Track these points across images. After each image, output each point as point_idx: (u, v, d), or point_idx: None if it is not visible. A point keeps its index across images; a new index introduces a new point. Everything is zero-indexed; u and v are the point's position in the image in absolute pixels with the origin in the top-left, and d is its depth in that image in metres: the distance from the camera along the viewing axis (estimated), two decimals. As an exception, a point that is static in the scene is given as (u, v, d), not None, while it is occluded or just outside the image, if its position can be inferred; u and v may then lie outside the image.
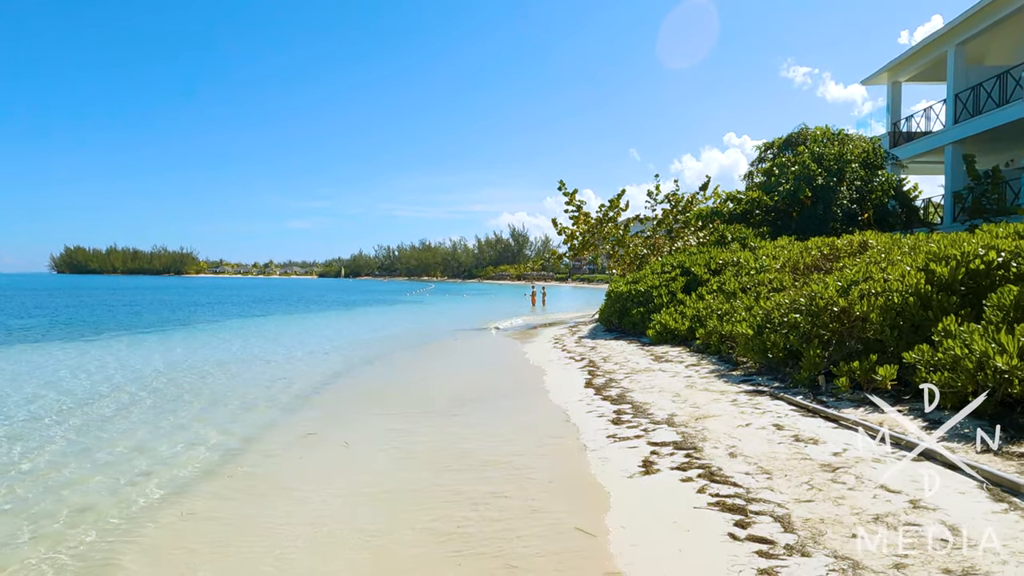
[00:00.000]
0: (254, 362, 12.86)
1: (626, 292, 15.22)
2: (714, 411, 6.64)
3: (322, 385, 10.00)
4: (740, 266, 12.88)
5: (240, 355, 14.01)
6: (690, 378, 8.72)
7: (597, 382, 9.03)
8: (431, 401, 8.53)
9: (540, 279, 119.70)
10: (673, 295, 13.99)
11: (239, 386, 9.98)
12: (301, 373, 11.42)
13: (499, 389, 9.50)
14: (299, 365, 12.47)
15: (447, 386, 9.81)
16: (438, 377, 10.87)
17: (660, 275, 15.25)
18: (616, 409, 7.15)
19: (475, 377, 10.96)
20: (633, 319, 14.56)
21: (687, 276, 14.58)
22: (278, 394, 9.24)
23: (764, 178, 19.62)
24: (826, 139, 18.16)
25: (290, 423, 7.43)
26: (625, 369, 9.97)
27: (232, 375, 11.11)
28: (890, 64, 25.06)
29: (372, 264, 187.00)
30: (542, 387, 9.43)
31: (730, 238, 16.24)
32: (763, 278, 10.94)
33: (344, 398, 8.99)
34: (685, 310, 12.68)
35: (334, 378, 10.79)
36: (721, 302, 11.46)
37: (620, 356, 11.54)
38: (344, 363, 12.65)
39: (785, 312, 7.99)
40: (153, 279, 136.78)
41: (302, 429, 7.07)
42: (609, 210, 23.77)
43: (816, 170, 16.45)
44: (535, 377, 10.49)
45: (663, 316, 12.92)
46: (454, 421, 7.34)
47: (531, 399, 8.55)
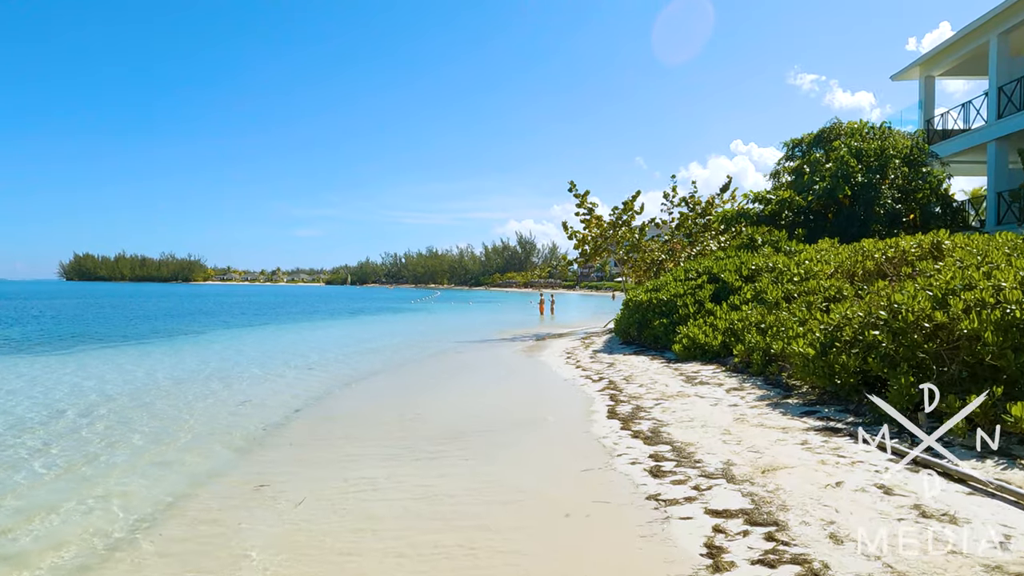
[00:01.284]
0: (228, 379, 11.38)
1: (646, 301, 13.68)
2: (783, 458, 5.09)
3: (295, 412, 8.50)
4: (779, 272, 11.31)
5: (215, 371, 12.54)
6: (736, 407, 7.17)
7: (622, 411, 7.48)
8: (419, 435, 7.01)
9: (547, 286, 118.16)
10: (701, 305, 12.44)
11: (198, 412, 8.49)
12: (276, 394, 9.92)
13: (500, 419, 7.97)
14: (277, 383, 10.97)
15: (440, 414, 8.28)
16: (432, 402, 9.34)
17: (684, 282, 13.70)
18: (652, 452, 5.61)
19: (474, 402, 9.43)
20: (655, 331, 13.01)
21: (715, 283, 13.03)
22: (240, 423, 7.73)
23: (793, 177, 18.07)
24: (866, 133, 16.60)
25: (241, 468, 5.92)
26: (653, 393, 8.42)
27: (196, 397, 9.62)
28: (923, 58, 23.48)
29: (379, 271, 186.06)
30: (552, 418, 7.90)
31: (760, 241, 14.68)
32: (812, 286, 9.38)
33: (317, 431, 7.46)
34: (716, 322, 11.12)
35: (312, 402, 9.28)
36: (761, 314, 9.90)
37: (644, 376, 9.99)
38: (328, 382, 11.14)
39: (859, 328, 6.43)
40: (160, 286, 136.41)
41: (253, 478, 5.55)
42: (623, 213, 22.23)
43: (855, 167, 14.89)
44: (544, 403, 8.96)
45: (691, 329, 11.37)
46: (442, 466, 5.81)
47: (538, 435, 7.01)
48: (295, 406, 8.96)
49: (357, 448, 6.52)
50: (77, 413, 8.41)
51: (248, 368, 13.08)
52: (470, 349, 16.77)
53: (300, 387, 10.67)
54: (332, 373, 12.27)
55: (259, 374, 12.18)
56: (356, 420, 8.08)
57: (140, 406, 8.93)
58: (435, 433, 7.05)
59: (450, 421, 7.74)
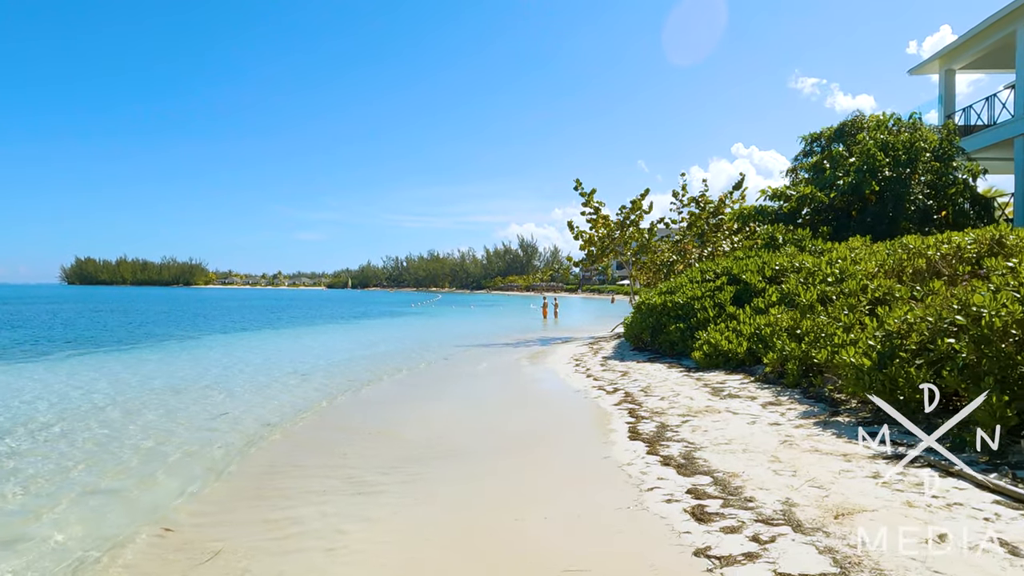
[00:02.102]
0: (207, 391, 10.43)
1: (660, 304, 12.70)
2: (856, 497, 4.12)
3: (271, 431, 7.52)
4: (809, 272, 10.34)
5: (195, 380, 11.58)
6: (779, 427, 6.19)
7: (645, 430, 6.50)
8: (407, 458, 6.04)
9: (549, 290, 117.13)
10: (721, 308, 11.46)
11: (162, 431, 7.52)
12: (255, 408, 8.95)
13: (498, 438, 7.01)
14: (258, 396, 10.01)
15: (432, 430, 7.32)
16: (424, 417, 8.37)
17: (701, 284, 12.73)
18: (691, 486, 4.63)
19: (470, 417, 8.47)
20: (670, 337, 12.03)
21: (736, 285, 12.06)
22: (204, 448, 6.75)
23: (811, 174, 17.10)
24: (892, 126, 15.63)
25: (192, 514, 4.92)
26: (678, 408, 7.44)
27: (165, 412, 8.66)
28: (944, 51, 22.51)
29: (380, 275, 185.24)
30: (561, 437, 6.93)
31: (781, 240, 13.71)
32: (852, 287, 8.40)
33: (291, 457, 6.48)
34: (741, 327, 10.15)
35: (292, 417, 8.31)
36: (793, 318, 8.92)
37: (663, 387, 9.01)
38: (315, 394, 10.18)
39: (930, 335, 5.46)
40: (161, 290, 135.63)
41: (206, 530, 4.57)
42: (630, 212, 21.27)
43: (883, 161, 13.91)
44: (552, 418, 7.99)
45: (712, 334, 10.40)
46: (432, 498, 4.85)
47: (543, 459, 6.04)
48: (275, 421, 7.99)
49: (339, 478, 5.54)
50: (27, 429, 7.46)
51: (235, 377, 12.13)
52: (470, 355, 15.80)
53: (286, 397, 9.72)
54: (322, 383, 11.31)
55: (244, 384, 11.23)
56: (337, 442, 7.10)
57: (104, 422, 7.97)
58: (430, 454, 6.09)
59: (444, 440, 6.77)
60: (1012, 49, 19.90)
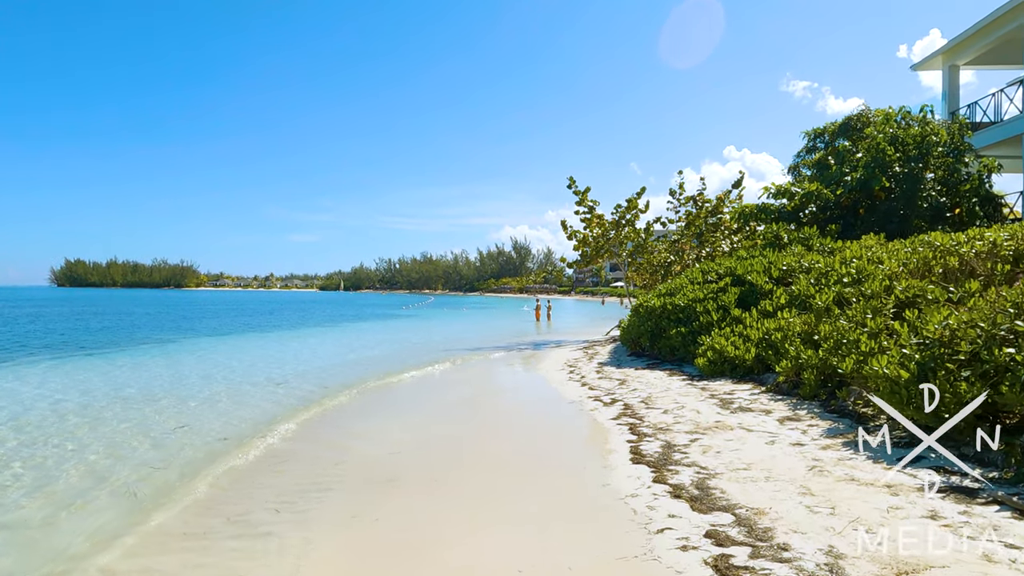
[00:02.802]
0: (166, 400, 9.57)
1: (659, 307, 11.92)
2: (916, 546, 3.32)
3: (225, 452, 6.66)
4: (821, 273, 9.58)
5: (157, 388, 10.72)
6: (802, 447, 5.40)
7: (649, 450, 5.70)
8: (345, 484, 5.22)
9: (542, 292, 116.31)
10: (726, 311, 10.69)
11: (100, 451, 6.67)
12: (213, 421, 8.10)
13: (475, 459, 6.20)
14: (218, 407, 9.15)
15: (391, 449, 6.50)
16: (390, 433, 7.55)
17: (703, 285, 11.96)
18: (709, 527, 3.82)
19: (445, 434, 7.64)
20: (671, 342, 11.25)
21: (740, 286, 11.29)
22: (143, 480, 5.88)
23: (814, 170, 16.39)
24: (901, 119, 14.92)
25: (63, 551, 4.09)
26: (684, 423, 6.64)
27: (114, 424, 7.80)
28: (948, 46, 21.88)
29: (373, 277, 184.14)
30: (551, 459, 6.13)
31: (787, 239, 12.97)
32: (872, 288, 7.64)
33: (240, 487, 5.62)
34: (748, 332, 9.38)
35: (252, 433, 7.46)
36: (807, 322, 8.16)
37: (666, 397, 8.21)
38: (277, 408, 9.33)
39: (984, 343, 4.68)
40: (151, 292, 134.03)
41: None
42: (626, 212, 20.51)
43: (893, 156, 13.20)
44: (541, 436, 7.18)
45: (716, 339, 9.62)
46: (388, 538, 4.03)
47: (527, 486, 5.23)
48: (232, 440, 7.14)
49: (291, 517, 4.71)
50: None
51: (207, 384, 11.27)
52: (458, 361, 14.97)
53: (248, 410, 8.87)
54: (291, 394, 10.45)
55: (213, 391, 10.37)
56: (296, 468, 6.27)
57: (45, 435, 7.11)
58: (396, 483, 5.26)
59: (417, 465, 5.95)
60: (1019, 44, 19.30)
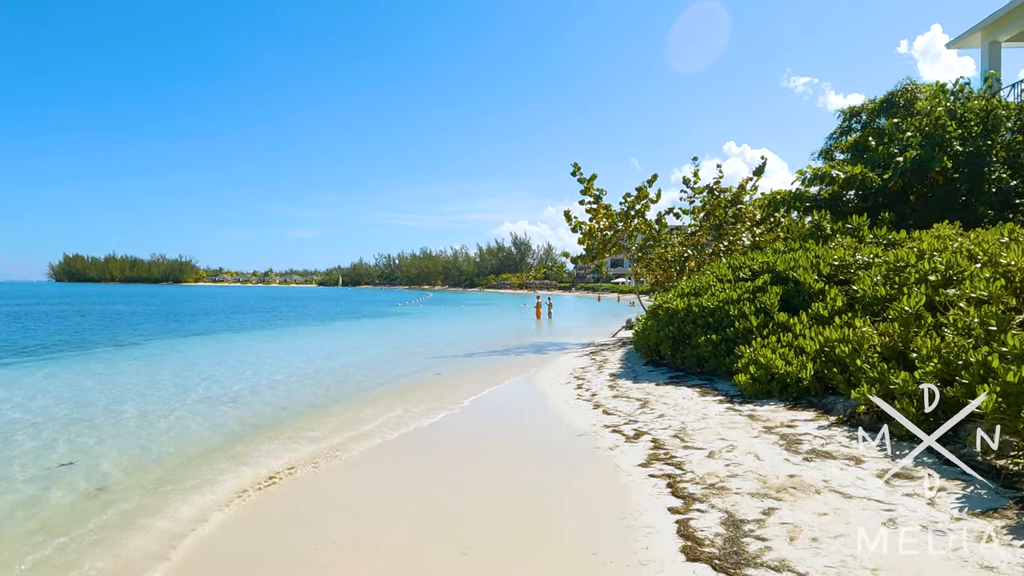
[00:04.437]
0: (78, 419, 7.72)
1: (683, 309, 10.05)
2: None
3: (73, 514, 4.79)
4: (893, 269, 7.70)
5: (79, 403, 8.86)
6: (944, 536, 3.52)
7: (704, 530, 3.83)
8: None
9: (542, 288, 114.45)
10: (768, 315, 8.82)
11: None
12: (110, 460, 6.23)
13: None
14: (135, 436, 7.29)
15: (362, 524, 4.63)
16: (356, 489, 5.70)
17: (735, 283, 10.10)
18: None
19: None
20: (699, 351, 9.37)
21: (782, 285, 9.42)
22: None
23: (850, 153, 14.49)
24: (957, 90, 13.01)
25: None
26: (744, 478, 4.76)
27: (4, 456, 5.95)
28: (987, 21, 19.93)
29: (372, 273, 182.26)
30: (556, 547, 4.27)
31: (830, 230, 11.07)
32: (991, 291, 5.76)
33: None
34: (802, 343, 7.51)
35: (139, 474, 5.60)
36: (888, 331, 6.28)
37: (706, 428, 6.34)
38: (212, 435, 7.47)
39: None
40: (148, 288, 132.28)
41: None
42: (636, 201, 18.61)
43: (954, 132, 11.29)
44: (537, 500, 5.29)
45: (761, 351, 7.74)
46: None
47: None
48: (112, 478, 5.29)
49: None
50: None
51: (143, 400, 9.44)
52: (447, 371, 13.11)
53: (166, 440, 7.01)
54: (244, 411, 8.61)
55: (146, 410, 8.53)
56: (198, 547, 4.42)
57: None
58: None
59: (376, 547, 4.09)
60: (1074, 15, 17.39)
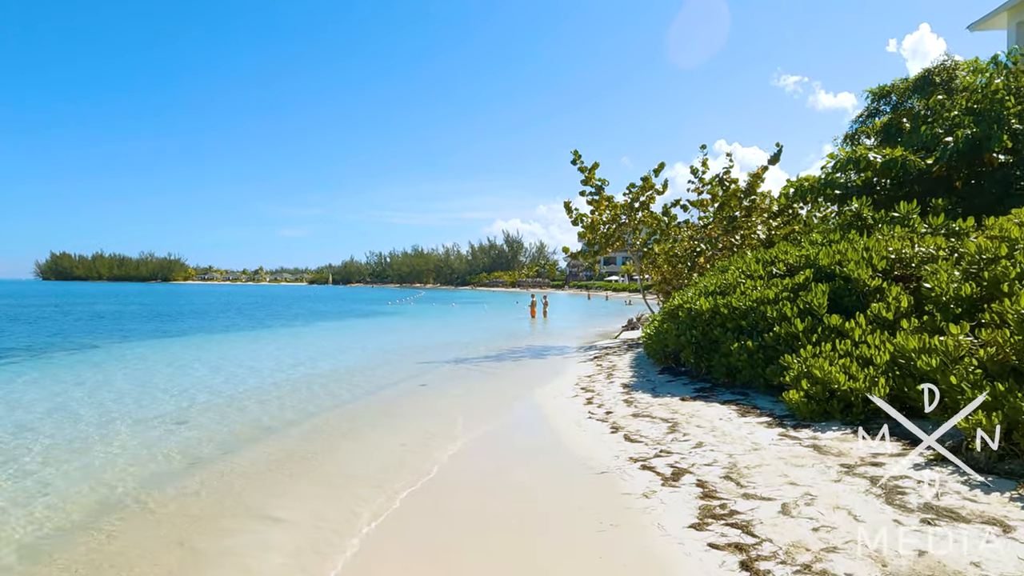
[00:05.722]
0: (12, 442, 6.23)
1: (708, 310, 8.64)
2: None
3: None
4: (976, 262, 6.31)
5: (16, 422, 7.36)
6: None
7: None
8: None
9: (535, 286, 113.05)
10: (815, 318, 7.41)
11: None
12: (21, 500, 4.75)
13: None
14: (64, 466, 5.81)
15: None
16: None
17: (767, 280, 8.70)
18: None
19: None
20: (730, 360, 7.96)
21: (827, 282, 8.02)
22: None
23: (880, 137, 13.15)
24: (1016, 66, 11.66)
25: None
26: (846, 546, 3.33)
27: None
28: (1014, 0, 18.71)
29: (363, 271, 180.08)
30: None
31: (872, 219, 9.70)
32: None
33: None
34: (865, 351, 6.11)
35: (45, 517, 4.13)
36: (998, 340, 4.88)
37: (764, 464, 4.91)
38: (133, 471, 6.00)
39: None
40: (135, 286, 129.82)
41: None
42: (641, 192, 17.20)
43: (1013, 108, 9.95)
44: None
45: (815, 361, 6.33)
46: None
47: None
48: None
49: None
50: None
51: (75, 419, 7.95)
52: (430, 382, 11.66)
53: (58, 485, 5.53)
54: (174, 444, 7.13)
55: (65, 438, 7.04)
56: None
57: None
58: None
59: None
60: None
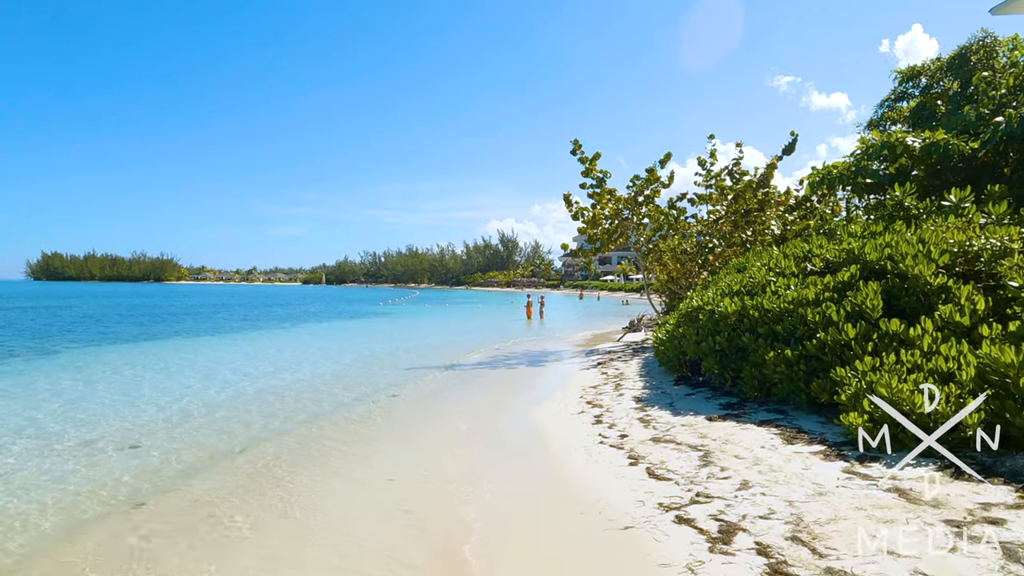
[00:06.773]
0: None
1: (735, 312, 7.48)
2: None
3: None
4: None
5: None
6: None
7: None
8: None
9: (530, 285, 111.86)
10: (868, 322, 6.25)
11: None
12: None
13: None
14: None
15: None
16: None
17: (801, 278, 7.55)
18: None
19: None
20: (764, 372, 6.79)
21: (878, 279, 6.86)
22: None
23: (910, 121, 12.02)
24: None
25: None
26: None
27: None
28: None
29: (357, 271, 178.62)
30: None
31: (914, 209, 8.58)
32: None
33: None
34: (944, 365, 4.96)
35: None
36: None
37: (836, 518, 3.74)
38: (99, 489, 4.81)
39: None
40: (126, 286, 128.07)
41: None
42: (646, 184, 16.04)
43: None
44: None
45: (877, 377, 5.15)
46: None
47: None
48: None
49: None
50: None
51: (24, 437, 6.74)
52: (419, 394, 10.47)
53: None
54: (148, 460, 5.93)
55: (23, 452, 5.84)
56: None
57: None
58: None
59: None
60: None
